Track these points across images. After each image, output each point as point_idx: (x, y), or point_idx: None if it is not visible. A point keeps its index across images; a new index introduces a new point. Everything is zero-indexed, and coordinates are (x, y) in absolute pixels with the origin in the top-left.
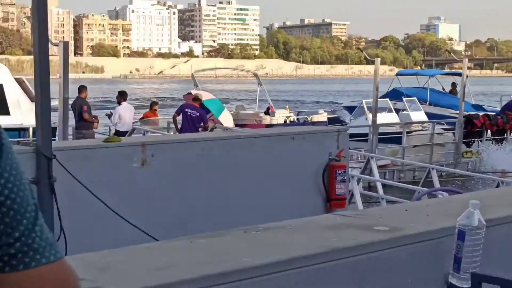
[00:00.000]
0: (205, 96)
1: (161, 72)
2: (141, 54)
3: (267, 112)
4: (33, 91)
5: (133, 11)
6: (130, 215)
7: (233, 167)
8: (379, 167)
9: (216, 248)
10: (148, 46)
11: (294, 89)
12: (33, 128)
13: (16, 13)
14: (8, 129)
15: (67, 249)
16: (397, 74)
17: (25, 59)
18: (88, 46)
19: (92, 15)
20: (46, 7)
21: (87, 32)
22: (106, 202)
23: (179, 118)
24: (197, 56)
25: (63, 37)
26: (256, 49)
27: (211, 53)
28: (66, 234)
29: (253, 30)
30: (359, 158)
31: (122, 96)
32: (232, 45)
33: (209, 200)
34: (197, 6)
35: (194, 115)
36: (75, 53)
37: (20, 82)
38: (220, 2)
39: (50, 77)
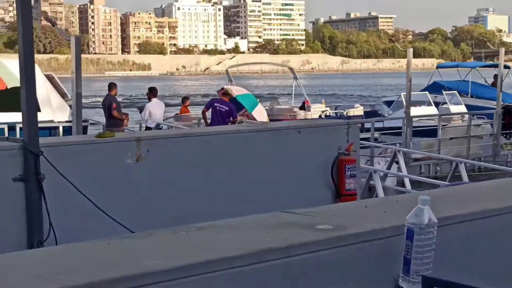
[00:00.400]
0: (238, 91)
1: (207, 68)
2: (187, 51)
3: (302, 107)
4: (64, 88)
5: (179, 9)
6: (124, 213)
7: (236, 162)
8: (415, 160)
9: (131, 250)
10: (194, 43)
11: (340, 84)
12: (63, 127)
13: (64, 13)
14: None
15: None
16: (437, 67)
17: None
18: (135, 44)
19: (139, 13)
20: None
21: (134, 30)
22: (99, 199)
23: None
24: (243, 52)
25: (110, 35)
26: (302, 44)
27: (256, 49)
28: (56, 232)
29: (298, 25)
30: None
31: (152, 92)
32: (277, 40)
33: (210, 197)
34: (242, 2)
35: (224, 109)
36: (123, 51)
37: (50, 78)
38: None
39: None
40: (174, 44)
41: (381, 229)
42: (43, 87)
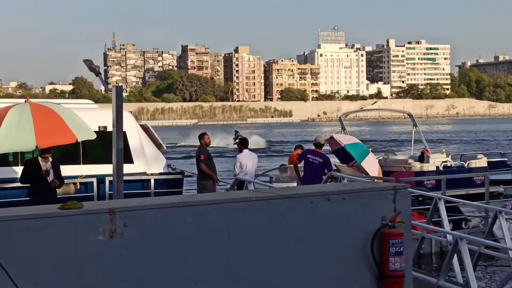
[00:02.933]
0: (347, 140)
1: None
2: (329, 97)
3: (421, 157)
4: (159, 139)
5: (321, 55)
6: None
7: (242, 239)
8: None
9: None
10: (336, 89)
11: (487, 129)
12: (155, 179)
13: (210, 61)
14: (130, 181)
15: None
16: None
17: (216, 105)
18: (277, 90)
19: (282, 60)
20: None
21: (277, 77)
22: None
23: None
24: (386, 98)
25: (254, 82)
26: (447, 89)
27: (399, 94)
28: None
29: (443, 69)
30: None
31: (243, 143)
32: (421, 85)
33: (207, 283)
34: (385, 47)
35: (317, 161)
36: (265, 98)
37: (145, 129)
38: (409, 42)
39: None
40: (316, 91)
41: None
42: (137, 138)
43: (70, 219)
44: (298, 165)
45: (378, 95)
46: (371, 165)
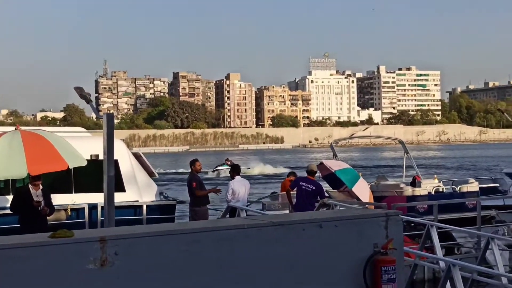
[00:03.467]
0: (337, 165)
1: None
2: (320, 123)
3: (413, 182)
4: (151, 166)
5: (312, 82)
6: None
7: (234, 268)
8: None
9: None
10: (328, 115)
11: (478, 155)
12: (148, 205)
13: (201, 88)
14: (122, 207)
15: None
16: None
17: (208, 132)
18: (268, 117)
19: (273, 87)
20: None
21: (268, 104)
22: None
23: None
24: (377, 124)
25: (245, 109)
26: (438, 115)
27: (390, 120)
28: None
29: (434, 95)
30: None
31: (235, 170)
32: (412, 111)
33: None
34: (376, 73)
35: (310, 189)
36: (257, 125)
37: (137, 157)
38: (400, 69)
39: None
40: (307, 117)
41: None
42: (129, 166)
43: (60, 248)
44: (291, 192)
45: (369, 121)
46: (362, 190)
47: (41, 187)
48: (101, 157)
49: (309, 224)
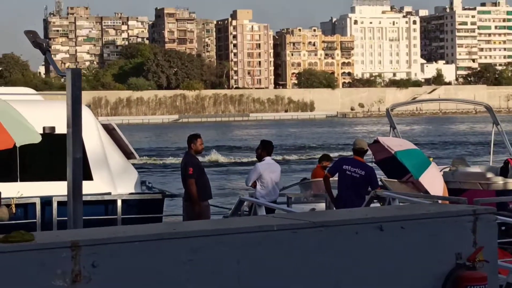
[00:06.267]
0: (398, 145)
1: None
2: (367, 82)
3: (505, 169)
4: (129, 144)
5: (356, 22)
6: None
7: (257, 284)
8: None
9: None
10: (378, 71)
11: None
12: (124, 200)
13: (196, 32)
14: (87, 202)
15: None
16: None
17: (206, 94)
18: (293, 74)
19: (299, 30)
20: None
21: (292, 55)
22: None
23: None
24: (449, 83)
25: (259, 62)
26: None
27: (469, 78)
28: None
29: None
30: None
31: (265, 148)
32: (500, 65)
33: None
34: (448, 11)
35: (358, 174)
36: (276, 85)
37: (110, 130)
38: (482, 4)
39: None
40: (349, 73)
41: None
42: (97, 144)
43: (14, 257)
44: (330, 179)
45: (438, 80)
46: (433, 181)
47: None
48: (58, 131)
49: (364, 225)
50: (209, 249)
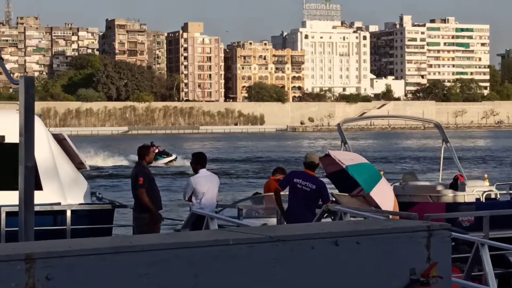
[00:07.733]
0: (349, 159)
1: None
2: (317, 97)
3: (454, 184)
4: (79, 154)
5: (306, 37)
6: None
7: None
8: None
9: None
10: (328, 86)
11: None
12: (73, 211)
13: (147, 43)
14: (36, 212)
15: None
16: None
17: (156, 106)
18: (243, 87)
19: (250, 43)
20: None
21: (243, 68)
22: None
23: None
24: (398, 99)
25: (210, 75)
26: (485, 87)
27: (417, 94)
28: None
29: (479, 59)
30: None
31: (199, 161)
32: (449, 81)
33: None
34: (398, 27)
35: (309, 188)
36: (226, 98)
37: (60, 140)
38: (432, 21)
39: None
40: (299, 88)
41: None
42: (47, 154)
43: None
44: (281, 192)
45: (388, 95)
46: (384, 195)
47: None
48: (7, 139)
49: (320, 240)
50: (166, 263)
